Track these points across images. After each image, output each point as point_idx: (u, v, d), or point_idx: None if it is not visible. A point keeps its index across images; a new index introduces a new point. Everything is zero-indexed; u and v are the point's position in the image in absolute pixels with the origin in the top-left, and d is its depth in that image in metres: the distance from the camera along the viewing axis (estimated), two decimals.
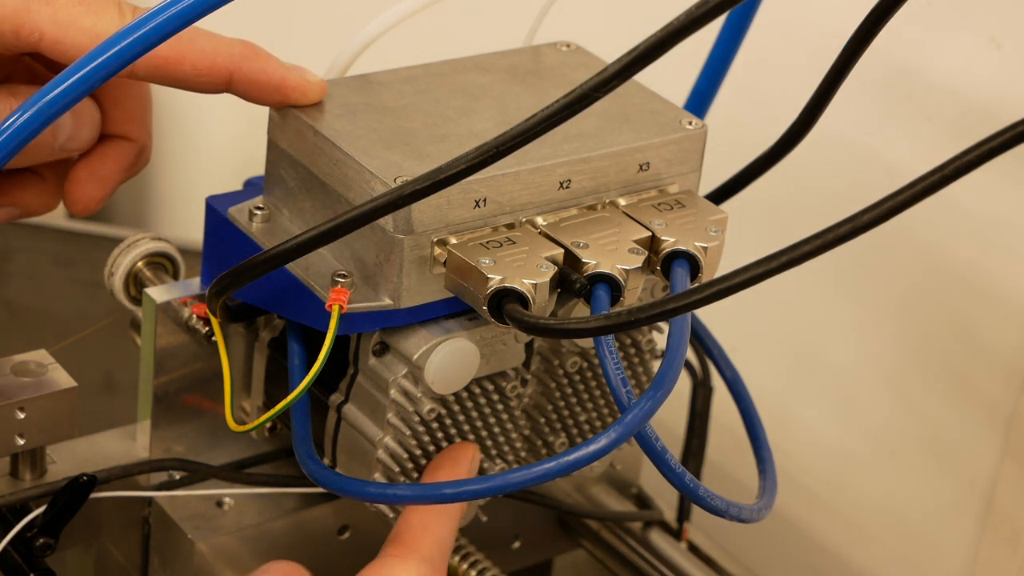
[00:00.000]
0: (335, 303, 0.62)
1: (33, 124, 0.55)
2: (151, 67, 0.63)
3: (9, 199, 0.70)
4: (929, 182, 0.51)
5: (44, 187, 0.71)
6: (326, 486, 0.65)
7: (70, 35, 0.62)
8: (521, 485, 0.61)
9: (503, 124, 0.63)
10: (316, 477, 0.65)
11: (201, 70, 0.64)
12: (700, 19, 0.50)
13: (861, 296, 0.91)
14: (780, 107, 0.75)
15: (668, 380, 0.60)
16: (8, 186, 0.70)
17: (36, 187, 0.71)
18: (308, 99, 0.66)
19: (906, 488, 0.90)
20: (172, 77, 0.64)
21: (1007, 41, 0.80)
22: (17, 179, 0.70)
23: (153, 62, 0.63)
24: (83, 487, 0.67)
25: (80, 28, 0.62)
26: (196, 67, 0.64)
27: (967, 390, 0.86)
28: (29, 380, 0.70)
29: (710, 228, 0.66)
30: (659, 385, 0.60)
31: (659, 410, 0.73)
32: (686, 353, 0.62)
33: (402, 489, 0.63)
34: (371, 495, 0.64)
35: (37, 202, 0.71)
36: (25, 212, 0.71)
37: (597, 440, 0.59)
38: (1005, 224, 0.82)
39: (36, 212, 0.72)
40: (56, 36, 0.62)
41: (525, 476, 0.60)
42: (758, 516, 0.67)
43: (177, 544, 0.72)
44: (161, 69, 0.64)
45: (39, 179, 0.71)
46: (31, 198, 0.71)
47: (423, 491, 0.63)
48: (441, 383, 0.65)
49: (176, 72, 0.64)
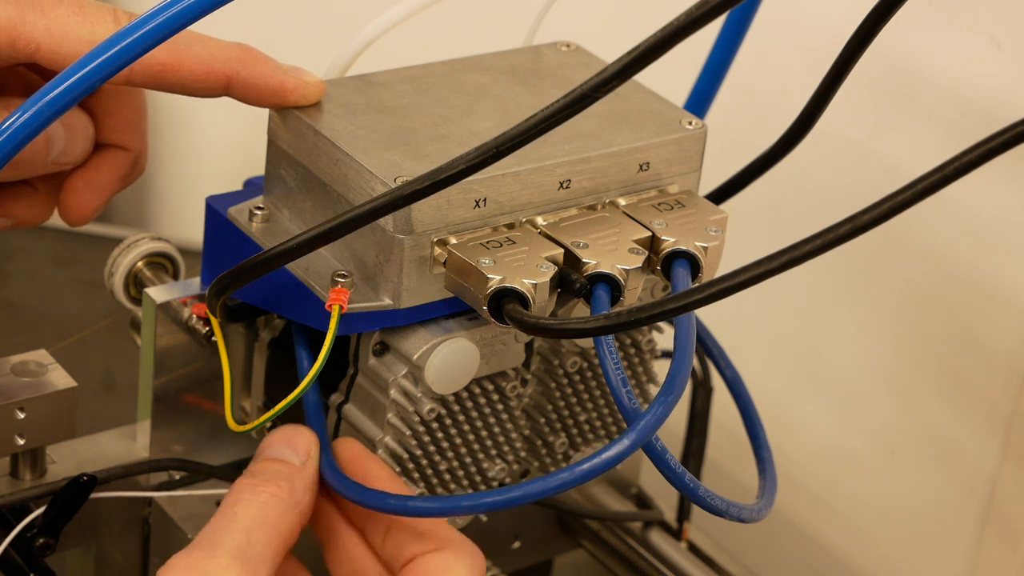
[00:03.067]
0: (335, 303, 0.62)
1: (31, 126, 0.55)
2: (149, 74, 0.63)
3: (2, 210, 0.71)
4: (929, 182, 0.51)
5: (37, 198, 0.71)
6: (346, 495, 0.65)
7: (65, 45, 0.62)
8: (539, 496, 0.61)
9: (503, 124, 0.63)
10: (337, 487, 0.65)
11: (199, 76, 0.64)
12: (700, 19, 0.50)
13: (861, 296, 0.91)
14: (780, 107, 0.75)
15: (679, 384, 0.60)
16: (1, 197, 0.70)
17: (29, 199, 0.71)
18: (307, 101, 0.66)
19: (906, 488, 0.90)
20: (170, 83, 0.64)
21: (1007, 41, 0.80)
22: (11, 191, 0.71)
23: (150, 69, 0.63)
24: (83, 487, 0.67)
25: (76, 38, 0.62)
26: (194, 73, 0.64)
27: (967, 390, 0.86)
28: (29, 380, 0.70)
29: (710, 228, 0.66)
30: (670, 389, 0.60)
31: None
32: (694, 355, 0.62)
33: (422, 501, 0.63)
34: (391, 507, 0.63)
35: (30, 213, 0.71)
36: (18, 223, 0.72)
37: (611, 447, 0.59)
38: (1005, 224, 0.82)
39: (29, 223, 0.72)
40: (52, 47, 0.62)
41: (543, 487, 0.60)
42: (758, 516, 0.67)
43: (177, 544, 0.71)
44: (159, 76, 0.64)
45: (32, 191, 0.71)
46: (24, 209, 0.71)
47: (442, 504, 0.63)
48: (441, 383, 0.65)
49: (174, 78, 0.64)
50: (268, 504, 0.62)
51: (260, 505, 0.62)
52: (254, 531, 0.61)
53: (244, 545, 0.60)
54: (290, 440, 0.65)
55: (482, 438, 0.68)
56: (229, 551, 0.60)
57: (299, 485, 0.63)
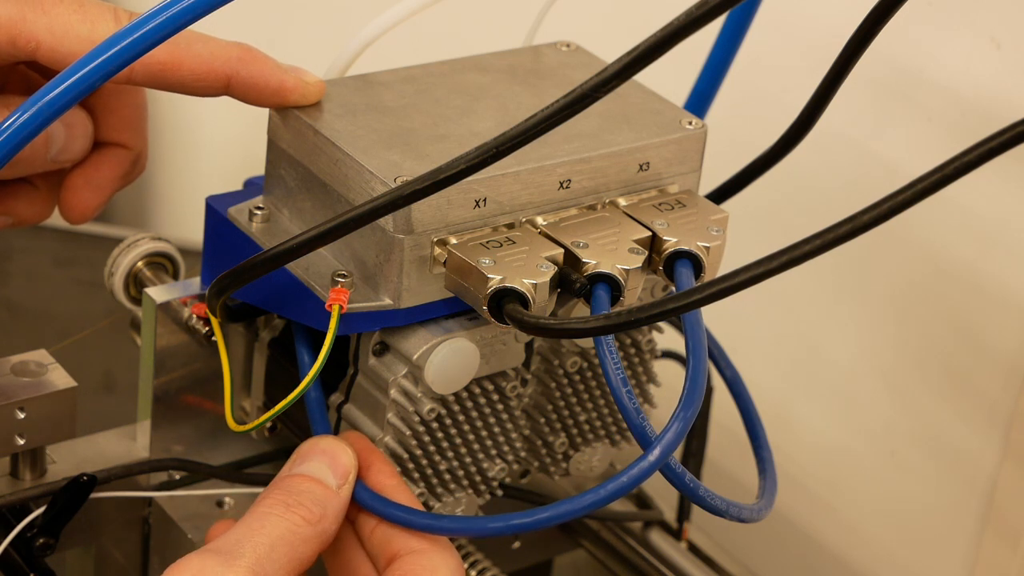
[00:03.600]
0: (335, 303, 0.62)
1: (31, 125, 0.55)
2: (149, 72, 0.63)
3: (2, 208, 0.71)
4: (929, 182, 0.51)
5: (37, 196, 0.71)
6: (372, 510, 0.64)
7: (66, 44, 0.62)
8: (569, 516, 0.61)
9: (503, 124, 0.63)
10: (363, 501, 0.65)
11: (199, 75, 0.64)
12: (700, 19, 0.50)
13: (861, 296, 0.91)
14: (780, 107, 0.75)
15: (698, 393, 0.60)
16: (1, 196, 0.70)
17: (29, 196, 0.71)
18: (307, 100, 0.66)
19: (906, 488, 0.90)
20: (170, 82, 0.64)
21: (1007, 41, 0.80)
22: (10, 189, 0.71)
23: (151, 67, 0.63)
24: (83, 487, 0.67)
25: (76, 36, 0.62)
26: (194, 72, 0.64)
27: (967, 390, 0.86)
28: (29, 380, 0.70)
29: (711, 228, 0.66)
30: (689, 403, 0.59)
31: (658, 409, 0.73)
32: (708, 361, 0.62)
33: (448, 521, 0.63)
34: (421, 525, 0.63)
35: (30, 211, 0.71)
36: (18, 221, 0.72)
37: (637, 465, 0.59)
38: (1005, 224, 0.82)
39: (29, 221, 0.72)
40: (52, 45, 0.62)
41: (573, 507, 0.60)
42: (758, 516, 0.67)
43: (177, 544, 0.72)
44: (159, 74, 0.64)
45: (32, 188, 0.71)
46: (24, 207, 0.71)
47: (469, 524, 0.63)
48: (441, 383, 0.65)
49: (174, 77, 0.64)
50: (298, 527, 0.61)
51: (290, 525, 0.61)
52: (277, 549, 0.60)
53: (264, 560, 0.59)
54: (333, 458, 0.64)
55: (482, 438, 0.68)
56: (248, 564, 0.59)
57: (330, 513, 0.62)
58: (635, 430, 0.60)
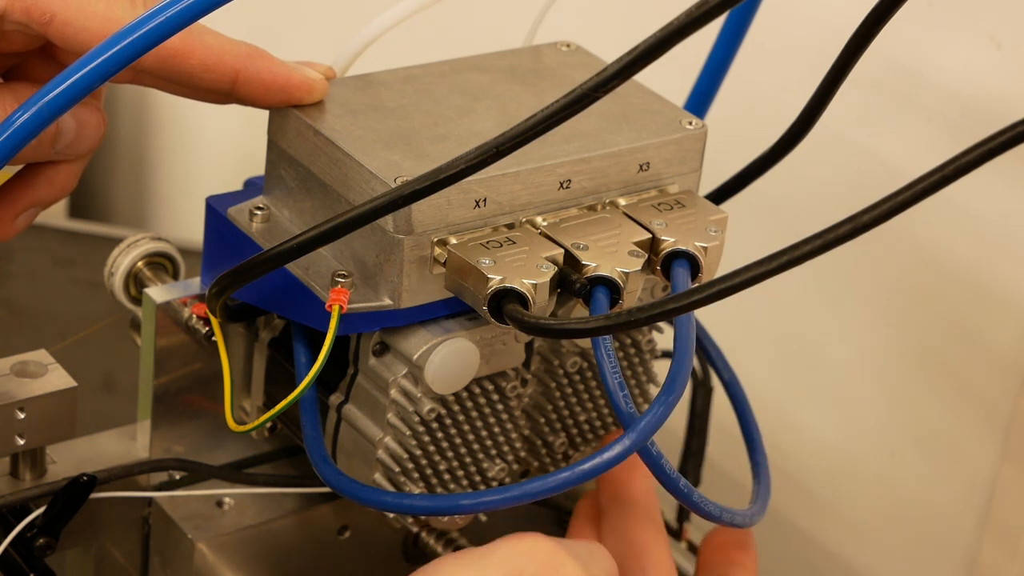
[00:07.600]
0: (335, 303, 0.62)
1: (42, 116, 0.55)
2: (160, 58, 0.63)
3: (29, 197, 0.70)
4: (929, 182, 0.51)
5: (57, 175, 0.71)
6: (341, 492, 0.65)
7: (80, 18, 0.62)
8: (539, 495, 0.61)
9: (503, 124, 0.63)
10: (332, 482, 0.65)
11: (209, 65, 0.63)
12: (700, 19, 0.50)
13: (860, 296, 0.91)
14: (780, 107, 0.75)
15: (679, 385, 0.60)
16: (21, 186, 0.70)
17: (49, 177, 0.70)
18: (313, 96, 0.66)
19: (906, 488, 0.90)
20: (179, 70, 0.64)
21: (1007, 41, 0.80)
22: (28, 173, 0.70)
23: (162, 53, 0.62)
24: (83, 487, 0.67)
25: (92, 13, 0.62)
26: (204, 62, 0.63)
27: (966, 390, 0.86)
28: (29, 380, 0.70)
29: (710, 228, 0.66)
30: (670, 390, 0.60)
31: None
32: (694, 355, 0.62)
33: (418, 500, 0.63)
34: (386, 504, 0.64)
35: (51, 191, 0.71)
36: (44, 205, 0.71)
37: (612, 448, 0.59)
38: (1005, 224, 0.82)
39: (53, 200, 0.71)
40: (67, 17, 0.62)
41: (543, 486, 0.61)
42: (751, 521, 0.67)
43: (177, 544, 0.72)
44: (169, 61, 0.63)
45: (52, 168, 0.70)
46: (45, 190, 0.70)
47: (439, 502, 0.63)
48: (441, 383, 0.65)
49: (183, 65, 0.63)
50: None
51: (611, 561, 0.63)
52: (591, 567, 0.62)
53: None
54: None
55: (482, 438, 0.68)
56: None
57: None
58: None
